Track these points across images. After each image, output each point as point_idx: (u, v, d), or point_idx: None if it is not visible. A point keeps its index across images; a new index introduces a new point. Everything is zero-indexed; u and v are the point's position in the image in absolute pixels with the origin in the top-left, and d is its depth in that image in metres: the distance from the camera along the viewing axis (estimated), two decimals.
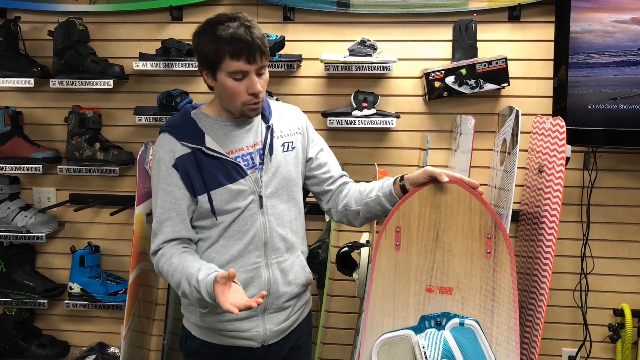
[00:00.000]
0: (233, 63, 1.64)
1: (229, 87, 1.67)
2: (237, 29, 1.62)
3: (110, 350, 2.96)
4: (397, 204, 1.79)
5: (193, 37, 1.72)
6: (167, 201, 1.73)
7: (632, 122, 2.41)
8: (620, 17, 2.37)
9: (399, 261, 1.79)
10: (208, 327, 1.76)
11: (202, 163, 1.71)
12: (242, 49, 1.62)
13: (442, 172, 1.73)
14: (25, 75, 2.73)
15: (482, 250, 1.76)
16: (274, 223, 1.78)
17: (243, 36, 1.62)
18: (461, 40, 2.59)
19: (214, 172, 1.71)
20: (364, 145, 2.78)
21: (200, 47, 1.68)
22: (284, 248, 1.81)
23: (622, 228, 2.71)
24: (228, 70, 1.65)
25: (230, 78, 1.66)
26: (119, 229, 2.95)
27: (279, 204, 1.80)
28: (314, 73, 2.74)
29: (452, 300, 1.76)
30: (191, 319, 1.80)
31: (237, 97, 1.68)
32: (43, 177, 2.95)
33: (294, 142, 1.85)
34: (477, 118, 2.44)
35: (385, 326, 1.77)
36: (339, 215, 1.94)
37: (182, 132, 1.74)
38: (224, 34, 1.62)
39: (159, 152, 1.75)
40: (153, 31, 2.83)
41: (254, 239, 1.76)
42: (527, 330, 2.36)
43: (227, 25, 1.63)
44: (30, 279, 2.89)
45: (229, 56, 1.63)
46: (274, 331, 1.80)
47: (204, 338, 1.78)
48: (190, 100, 2.73)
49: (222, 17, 1.67)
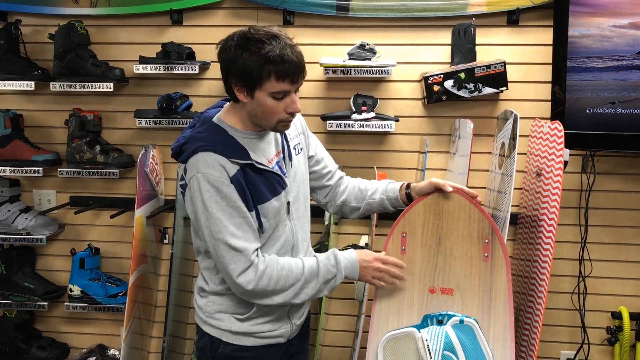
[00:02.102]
0: (278, 84, 1.58)
1: (267, 105, 1.62)
2: (284, 49, 1.56)
3: (110, 352, 2.96)
4: (404, 212, 1.91)
5: (224, 49, 1.62)
6: (237, 217, 1.65)
7: (630, 126, 2.42)
8: (618, 22, 2.38)
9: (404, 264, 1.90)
10: (243, 332, 1.77)
11: (250, 179, 1.67)
12: (288, 70, 1.57)
13: (445, 182, 1.87)
14: (26, 78, 2.74)
15: (480, 254, 1.88)
16: (298, 226, 1.82)
17: (290, 57, 1.56)
18: (460, 44, 2.60)
19: (260, 187, 1.69)
20: (363, 148, 2.79)
21: (238, 63, 1.58)
22: (305, 247, 1.87)
23: (620, 231, 2.72)
24: (270, 90, 1.59)
25: (270, 97, 1.61)
26: (119, 231, 2.96)
27: (300, 207, 1.83)
28: (313, 77, 2.75)
29: (452, 301, 1.89)
30: (222, 326, 1.77)
31: (275, 115, 1.64)
32: (43, 179, 2.96)
33: (300, 143, 1.87)
34: (475, 122, 2.46)
35: (391, 324, 1.89)
36: (335, 209, 2.01)
37: (227, 148, 1.65)
38: (271, 54, 1.55)
39: (210, 173, 1.62)
40: (153, 34, 2.84)
41: (284, 244, 1.78)
42: (525, 332, 2.37)
43: (271, 43, 1.56)
44: (31, 281, 2.90)
45: (275, 77, 1.57)
46: (297, 325, 1.87)
47: (238, 343, 1.77)
48: (190, 104, 2.74)
49: (260, 33, 1.58)
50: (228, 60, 1.61)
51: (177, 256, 2.69)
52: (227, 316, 1.77)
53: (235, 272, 1.65)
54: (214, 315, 1.79)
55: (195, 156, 1.65)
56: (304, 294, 1.72)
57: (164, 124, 2.70)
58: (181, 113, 2.70)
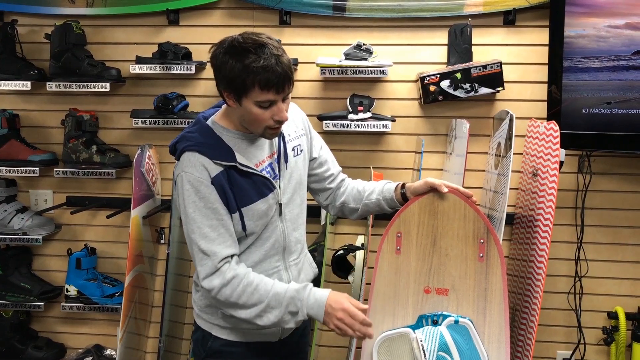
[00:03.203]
0: (262, 94, 1.59)
1: (254, 113, 1.63)
2: (268, 60, 1.56)
3: (106, 352, 2.96)
4: (399, 212, 1.91)
5: (215, 55, 1.63)
6: (213, 218, 1.66)
7: (626, 126, 2.42)
8: (614, 22, 2.39)
9: (399, 264, 1.91)
10: (231, 327, 1.79)
11: (233, 180, 1.68)
12: (272, 81, 1.57)
13: (442, 183, 1.86)
14: (22, 78, 2.74)
15: (475, 254, 1.87)
16: (291, 228, 1.82)
17: (274, 67, 1.56)
18: (456, 45, 2.60)
19: (245, 189, 1.69)
20: (360, 148, 2.79)
21: (225, 70, 1.60)
22: (299, 250, 1.87)
23: (616, 231, 2.73)
24: (256, 99, 1.60)
25: (256, 106, 1.62)
26: (115, 231, 2.96)
27: (294, 209, 1.82)
28: (310, 77, 2.76)
29: (447, 301, 1.88)
30: (212, 320, 1.80)
31: (262, 123, 1.65)
32: (40, 179, 2.96)
33: (301, 144, 1.86)
34: (472, 122, 2.46)
35: (385, 325, 1.88)
36: (335, 210, 2.02)
37: (212, 149, 1.67)
38: (254, 65, 1.55)
39: (191, 172, 1.65)
40: (150, 34, 2.84)
41: (274, 245, 1.78)
42: (521, 332, 2.38)
43: (256, 53, 1.57)
44: (27, 281, 2.89)
45: (259, 87, 1.58)
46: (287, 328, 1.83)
47: (226, 337, 1.79)
48: (187, 104, 2.74)
49: (248, 43, 1.58)
50: (217, 67, 1.63)
51: (173, 256, 2.69)
52: (215, 310, 1.79)
53: (201, 275, 1.68)
54: (204, 309, 1.82)
55: (183, 155, 1.69)
56: (266, 318, 1.66)
57: (160, 124, 2.70)
58: (177, 113, 2.70)
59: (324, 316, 1.64)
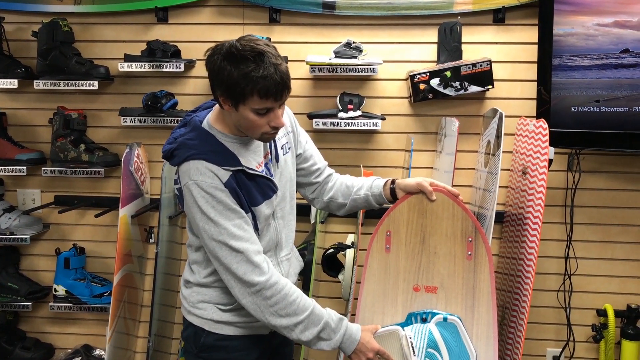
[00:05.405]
0: (261, 102, 1.59)
1: (250, 119, 1.64)
2: (268, 70, 1.56)
3: (95, 352, 2.94)
4: (388, 210, 1.92)
5: (210, 59, 1.62)
6: (235, 218, 1.67)
7: (615, 124, 2.43)
8: (602, 20, 2.39)
9: (389, 263, 1.92)
10: (225, 321, 1.80)
11: (242, 183, 1.69)
12: (271, 90, 1.58)
13: (432, 190, 1.87)
14: (9, 76, 2.71)
15: (463, 253, 1.88)
16: (282, 225, 1.84)
17: (273, 77, 1.57)
18: (446, 43, 2.60)
19: (252, 192, 1.71)
20: (350, 147, 2.79)
21: (223, 76, 1.59)
22: (289, 245, 1.89)
23: (605, 229, 2.74)
24: (253, 107, 1.60)
25: (253, 113, 1.62)
26: (104, 230, 2.94)
27: (285, 206, 1.84)
28: (299, 75, 2.75)
29: (436, 299, 1.89)
30: (205, 316, 1.81)
31: (258, 129, 1.66)
32: (27, 178, 2.93)
33: (288, 142, 1.87)
34: (461, 120, 2.46)
35: (375, 323, 1.89)
36: (322, 205, 2.03)
37: (217, 156, 1.68)
38: (254, 74, 1.56)
39: (203, 180, 1.65)
40: (138, 32, 2.82)
41: (268, 242, 1.80)
42: (511, 330, 2.38)
43: (256, 64, 1.56)
44: (15, 281, 2.87)
45: (258, 95, 1.58)
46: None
47: (220, 332, 1.80)
48: (176, 102, 2.72)
49: (246, 50, 1.57)
50: (214, 72, 1.62)
51: (162, 255, 2.67)
52: (209, 306, 1.79)
53: (239, 273, 1.67)
54: (197, 305, 1.81)
55: (187, 164, 1.67)
56: (294, 333, 1.69)
57: (149, 123, 2.69)
58: (166, 111, 2.68)
59: (354, 352, 1.73)
